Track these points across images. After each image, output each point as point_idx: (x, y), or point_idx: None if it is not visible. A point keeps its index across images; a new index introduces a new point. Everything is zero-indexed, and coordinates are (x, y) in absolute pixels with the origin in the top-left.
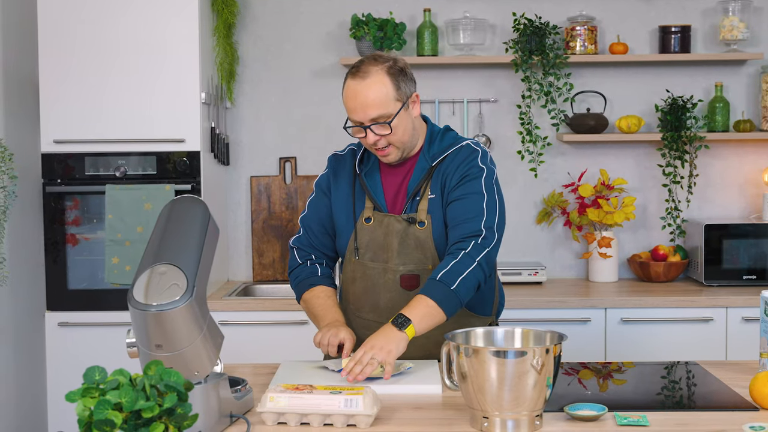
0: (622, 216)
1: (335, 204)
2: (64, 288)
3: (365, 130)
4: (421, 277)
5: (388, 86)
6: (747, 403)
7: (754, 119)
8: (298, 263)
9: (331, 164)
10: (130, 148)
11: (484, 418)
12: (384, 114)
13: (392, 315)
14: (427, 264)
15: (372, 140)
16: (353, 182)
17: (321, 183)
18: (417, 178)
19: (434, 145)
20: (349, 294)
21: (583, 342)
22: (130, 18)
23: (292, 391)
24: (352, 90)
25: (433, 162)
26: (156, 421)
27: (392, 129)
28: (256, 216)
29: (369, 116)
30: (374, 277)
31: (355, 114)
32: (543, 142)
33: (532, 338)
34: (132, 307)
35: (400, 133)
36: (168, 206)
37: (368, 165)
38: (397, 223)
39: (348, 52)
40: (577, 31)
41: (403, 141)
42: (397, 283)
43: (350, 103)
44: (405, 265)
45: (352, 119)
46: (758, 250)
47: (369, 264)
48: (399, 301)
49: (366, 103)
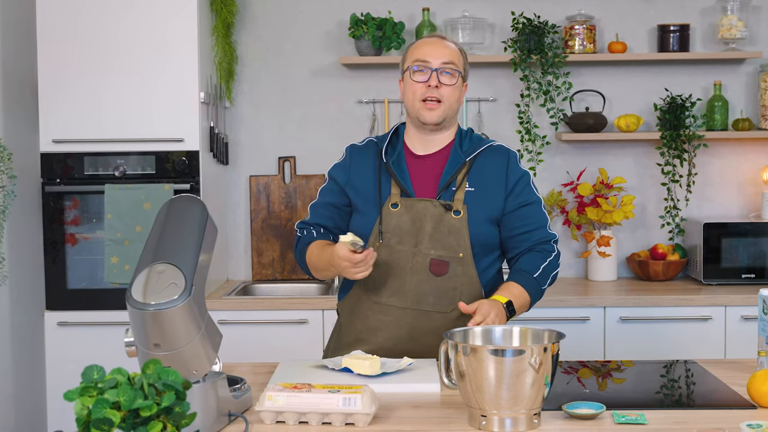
0: (621, 215)
1: (357, 191)
2: (64, 287)
3: (432, 73)
4: (450, 264)
5: (460, 55)
6: (745, 402)
7: (753, 118)
8: (298, 237)
9: (350, 154)
10: (129, 148)
11: (482, 416)
12: (455, 64)
13: (417, 299)
14: (458, 252)
15: (434, 82)
16: (378, 170)
17: (335, 173)
18: (452, 169)
19: (465, 142)
20: (368, 280)
21: (582, 341)
22: (129, 18)
23: (291, 390)
24: (429, 40)
25: (467, 157)
26: (154, 419)
27: (456, 83)
28: (255, 215)
29: (442, 60)
30: (401, 260)
31: (430, 55)
32: (542, 141)
33: (530, 337)
34: (130, 306)
35: (454, 97)
36: (166, 205)
37: (394, 155)
38: (433, 207)
39: (347, 52)
40: (576, 30)
41: (452, 106)
42: (426, 266)
43: (426, 48)
44: (436, 250)
45: (420, 61)
46: (757, 249)
47: (396, 247)
48: (425, 285)
49: (443, 51)
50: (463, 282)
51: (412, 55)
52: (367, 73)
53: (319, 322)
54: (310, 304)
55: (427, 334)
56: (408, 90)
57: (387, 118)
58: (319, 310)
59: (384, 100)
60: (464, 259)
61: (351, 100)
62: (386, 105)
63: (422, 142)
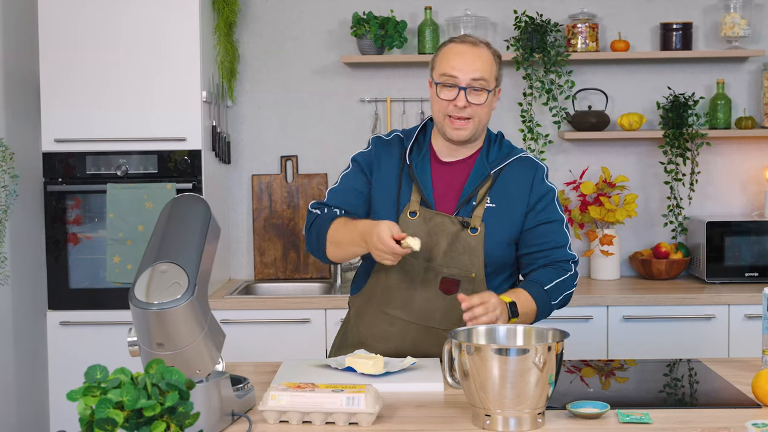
0: (623, 213)
1: (377, 189)
2: (66, 287)
3: (460, 92)
4: (461, 283)
5: (492, 63)
6: (750, 401)
7: (756, 116)
8: (316, 214)
9: (376, 146)
10: (131, 147)
11: (486, 416)
12: (485, 80)
13: (424, 315)
14: (471, 271)
15: (462, 103)
16: (400, 171)
17: (360, 159)
18: (474, 182)
19: (493, 150)
20: (378, 286)
21: (585, 340)
22: (130, 17)
23: (294, 390)
24: (459, 49)
25: (492, 169)
26: (157, 419)
27: (486, 101)
28: (258, 214)
29: (471, 76)
30: (411, 273)
31: (457, 71)
32: (544, 140)
33: (534, 336)
34: (133, 306)
35: (484, 112)
36: (169, 205)
37: (419, 157)
38: (451, 224)
39: (349, 51)
40: (579, 28)
41: (482, 120)
42: (437, 284)
43: (455, 61)
44: (449, 269)
45: (448, 76)
46: (760, 248)
47: (408, 259)
48: (434, 303)
49: (474, 65)
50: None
51: (441, 66)
52: (369, 72)
53: (322, 322)
54: (312, 304)
55: (431, 347)
56: (434, 103)
57: (389, 117)
58: (321, 309)
59: (386, 99)
60: (476, 279)
61: (353, 99)
62: (388, 104)
63: (449, 150)
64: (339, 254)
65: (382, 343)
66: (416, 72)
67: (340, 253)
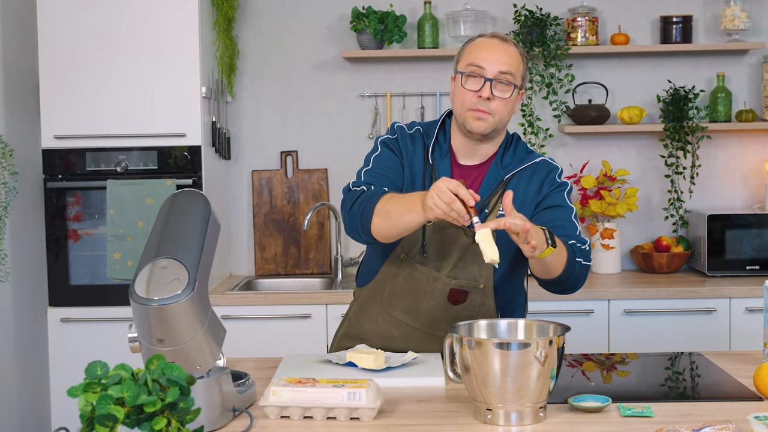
0: (624, 207)
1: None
2: (66, 284)
3: (486, 83)
4: (469, 294)
5: (520, 61)
6: (751, 394)
7: (756, 109)
8: (361, 190)
9: (402, 135)
10: (131, 143)
11: (488, 410)
12: (512, 75)
13: (429, 323)
14: (479, 282)
15: (486, 94)
16: (423, 170)
17: (390, 143)
18: (487, 190)
19: (508, 153)
20: (386, 288)
21: (586, 334)
22: (130, 12)
23: (295, 385)
24: (489, 43)
25: (506, 174)
26: (158, 415)
27: (510, 96)
28: (258, 210)
29: (499, 69)
30: (420, 281)
31: (486, 62)
32: (545, 134)
33: (535, 330)
34: (133, 302)
35: (506, 110)
36: (169, 200)
37: (441, 157)
38: (465, 236)
39: (348, 45)
40: (578, 22)
41: (503, 119)
42: (445, 295)
43: (484, 53)
44: (457, 280)
45: (476, 66)
46: (761, 240)
47: (418, 267)
48: (440, 312)
49: (502, 58)
50: (480, 312)
51: (468, 57)
52: (369, 66)
53: (323, 317)
54: (313, 299)
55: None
56: (457, 95)
57: (389, 111)
58: (322, 304)
59: (386, 94)
60: (484, 290)
61: (353, 94)
62: (388, 99)
63: (467, 150)
64: (385, 226)
65: (384, 342)
66: (416, 66)
67: (386, 225)
